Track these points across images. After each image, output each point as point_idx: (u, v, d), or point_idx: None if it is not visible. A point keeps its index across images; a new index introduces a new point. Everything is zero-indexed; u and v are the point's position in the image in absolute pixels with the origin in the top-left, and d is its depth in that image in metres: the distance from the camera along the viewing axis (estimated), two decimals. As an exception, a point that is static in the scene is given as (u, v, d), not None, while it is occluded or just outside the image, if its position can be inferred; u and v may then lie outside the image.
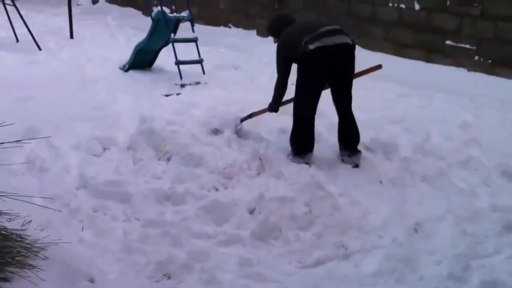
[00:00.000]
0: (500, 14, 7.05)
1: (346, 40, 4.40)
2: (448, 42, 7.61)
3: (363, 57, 7.55)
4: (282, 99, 4.72)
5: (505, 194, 4.12)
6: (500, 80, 7.02)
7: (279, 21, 4.76)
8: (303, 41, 4.30)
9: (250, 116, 5.06)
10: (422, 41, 7.86)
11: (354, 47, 4.48)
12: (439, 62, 7.66)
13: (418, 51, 7.90)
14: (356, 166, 4.52)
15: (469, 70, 7.40)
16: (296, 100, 4.54)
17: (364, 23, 8.41)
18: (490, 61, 7.25)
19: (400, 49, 8.06)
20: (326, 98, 4.70)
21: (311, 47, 4.26)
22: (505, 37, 7.04)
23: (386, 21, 8.23)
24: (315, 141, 4.61)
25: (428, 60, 7.80)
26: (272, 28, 4.78)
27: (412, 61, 7.86)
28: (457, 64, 7.52)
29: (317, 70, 4.36)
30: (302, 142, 4.53)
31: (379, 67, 4.75)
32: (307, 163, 4.41)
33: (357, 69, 4.63)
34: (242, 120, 5.03)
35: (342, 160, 4.58)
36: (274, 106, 4.77)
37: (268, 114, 4.93)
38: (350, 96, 4.58)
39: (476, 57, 7.36)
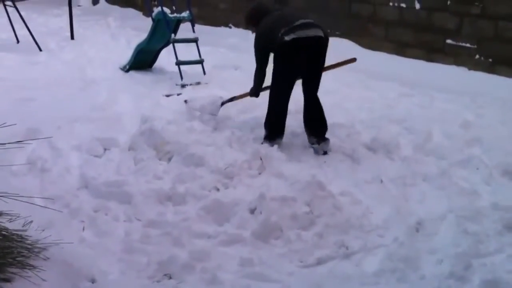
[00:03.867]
0: (500, 13, 7.05)
1: (319, 33, 4.54)
2: (448, 41, 7.61)
3: (363, 57, 7.63)
4: (261, 86, 4.93)
5: (507, 193, 4.11)
6: (501, 79, 7.02)
7: (257, 11, 4.89)
8: (280, 32, 4.44)
9: (232, 99, 5.33)
10: (423, 40, 7.86)
11: (327, 40, 4.61)
12: (440, 61, 7.66)
13: (419, 51, 7.89)
14: (325, 153, 4.65)
15: (469, 69, 7.40)
16: (271, 89, 4.73)
17: (365, 22, 8.42)
18: (490, 60, 7.24)
19: (401, 49, 8.06)
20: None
21: (287, 38, 4.41)
22: (505, 35, 7.04)
23: (386, 20, 8.23)
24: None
25: (429, 59, 7.79)
26: (251, 18, 4.94)
27: (412, 61, 7.85)
28: (458, 63, 7.52)
29: (292, 61, 4.51)
30: (274, 128, 4.74)
31: (353, 60, 5.01)
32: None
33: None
34: (223, 103, 5.29)
35: (313, 149, 4.70)
36: (255, 92, 5.01)
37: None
38: (318, 84, 4.74)
39: (477, 56, 7.36)
